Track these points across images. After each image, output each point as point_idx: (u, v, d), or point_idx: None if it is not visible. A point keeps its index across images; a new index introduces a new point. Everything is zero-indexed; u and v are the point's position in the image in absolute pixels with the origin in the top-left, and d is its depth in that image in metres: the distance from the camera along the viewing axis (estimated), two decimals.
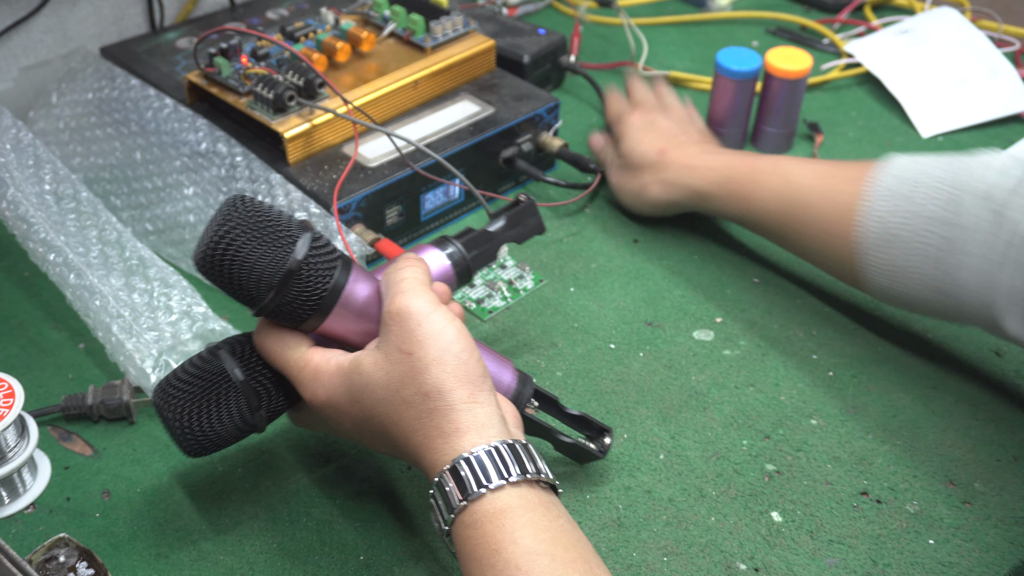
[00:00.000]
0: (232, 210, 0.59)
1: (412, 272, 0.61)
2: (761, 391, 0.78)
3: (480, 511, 0.55)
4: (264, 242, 0.58)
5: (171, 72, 0.98)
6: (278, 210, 0.60)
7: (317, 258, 0.59)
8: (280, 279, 0.58)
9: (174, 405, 0.62)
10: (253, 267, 0.58)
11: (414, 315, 0.58)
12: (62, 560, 0.61)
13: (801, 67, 0.99)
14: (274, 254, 0.58)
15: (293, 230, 0.59)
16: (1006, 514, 0.69)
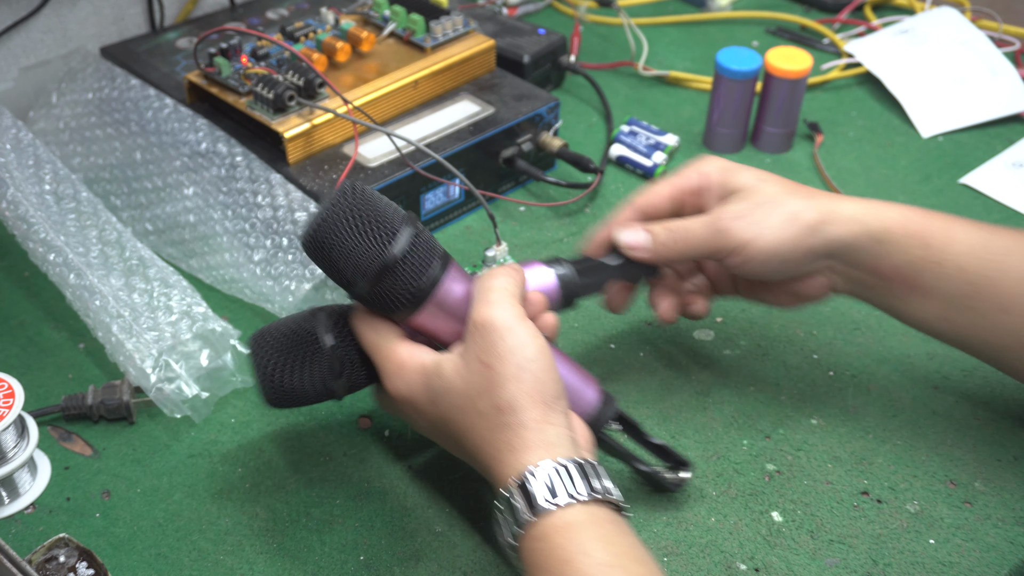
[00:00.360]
0: (342, 196, 0.61)
1: (503, 282, 0.61)
2: (761, 391, 0.78)
3: (549, 525, 0.55)
4: (365, 232, 0.60)
5: (171, 72, 0.98)
6: (387, 202, 0.62)
7: (414, 255, 0.61)
8: (375, 272, 0.60)
9: (264, 353, 0.64)
10: (350, 254, 0.60)
11: (497, 328, 0.59)
12: (62, 560, 0.61)
13: (801, 67, 0.99)
14: (373, 246, 0.60)
15: (396, 224, 0.61)
16: (1006, 514, 0.69)
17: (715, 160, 0.73)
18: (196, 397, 0.73)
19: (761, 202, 0.69)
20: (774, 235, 0.68)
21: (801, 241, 0.68)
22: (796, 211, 0.68)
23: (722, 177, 0.71)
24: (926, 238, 0.68)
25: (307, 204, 0.81)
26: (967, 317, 0.68)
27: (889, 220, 0.68)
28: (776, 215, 0.68)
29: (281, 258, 0.79)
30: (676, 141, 1.03)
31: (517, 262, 0.72)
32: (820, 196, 0.70)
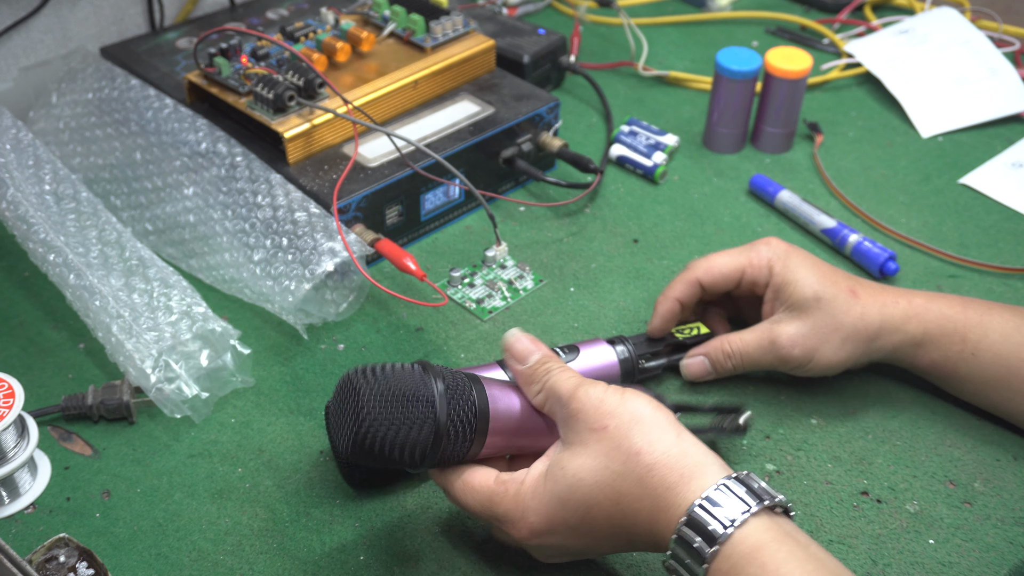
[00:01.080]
0: (359, 398, 0.58)
1: (554, 363, 0.62)
2: (761, 391, 0.78)
3: (734, 553, 0.53)
4: (404, 420, 0.58)
5: (171, 72, 0.98)
6: (399, 369, 0.60)
7: (456, 404, 0.60)
8: (431, 445, 0.59)
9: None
10: (403, 447, 0.59)
11: (592, 397, 0.59)
12: (62, 560, 0.61)
13: (801, 67, 0.99)
14: (418, 427, 0.59)
15: (422, 389, 0.59)
16: (1006, 514, 0.69)
17: (776, 246, 0.76)
18: (196, 397, 0.73)
19: (817, 328, 0.73)
20: (830, 359, 0.74)
21: (855, 359, 0.74)
22: (849, 335, 0.73)
23: (782, 276, 0.75)
24: (963, 333, 0.73)
25: (307, 204, 0.81)
26: (1002, 395, 0.73)
27: (929, 323, 0.73)
28: (832, 341, 0.73)
29: (281, 258, 0.79)
30: (676, 141, 1.03)
31: (582, 341, 0.75)
32: (869, 304, 0.73)
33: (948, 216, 0.97)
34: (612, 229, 0.94)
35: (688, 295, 0.77)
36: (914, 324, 0.73)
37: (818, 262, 0.76)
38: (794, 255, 0.75)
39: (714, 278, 0.77)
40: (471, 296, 0.86)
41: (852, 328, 0.73)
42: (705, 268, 0.77)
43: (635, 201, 0.97)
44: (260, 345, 0.80)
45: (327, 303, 0.82)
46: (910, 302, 0.74)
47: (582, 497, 0.57)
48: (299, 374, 0.78)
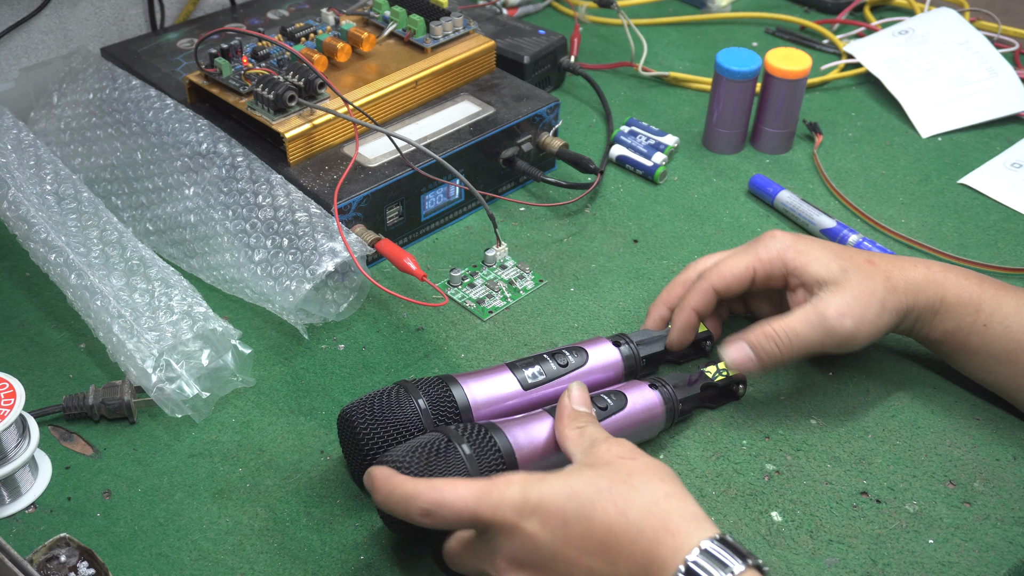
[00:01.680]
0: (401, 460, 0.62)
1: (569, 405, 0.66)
2: (761, 391, 0.78)
3: None
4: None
5: (172, 72, 0.98)
6: (415, 423, 0.66)
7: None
8: None
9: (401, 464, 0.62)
10: None
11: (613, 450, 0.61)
12: (63, 560, 0.61)
13: (801, 67, 0.99)
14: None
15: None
16: (1005, 514, 0.70)
17: (780, 237, 0.76)
18: (197, 397, 0.73)
19: (857, 295, 0.73)
20: (873, 326, 0.73)
21: (895, 323, 0.74)
22: (885, 298, 0.73)
23: (799, 261, 0.75)
24: (977, 304, 0.74)
25: (308, 204, 0.82)
26: (1010, 370, 0.74)
27: (947, 290, 0.74)
28: (873, 308, 0.73)
29: (282, 258, 0.79)
30: (676, 141, 1.03)
31: (585, 341, 0.76)
32: (892, 272, 0.74)
33: (947, 216, 0.97)
34: (612, 229, 0.94)
35: (705, 304, 0.76)
36: (933, 289, 0.74)
37: (825, 242, 0.76)
38: (801, 240, 0.76)
39: (728, 283, 0.76)
40: (471, 296, 0.86)
41: (886, 292, 0.73)
42: (718, 275, 0.76)
43: (635, 201, 0.97)
44: (261, 345, 0.80)
45: (328, 303, 0.82)
46: (928, 268, 0.75)
47: (594, 507, 0.57)
48: (300, 374, 0.79)
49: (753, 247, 0.77)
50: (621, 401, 0.70)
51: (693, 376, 0.74)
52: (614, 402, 0.70)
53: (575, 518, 0.57)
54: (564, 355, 0.73)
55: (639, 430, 0.71)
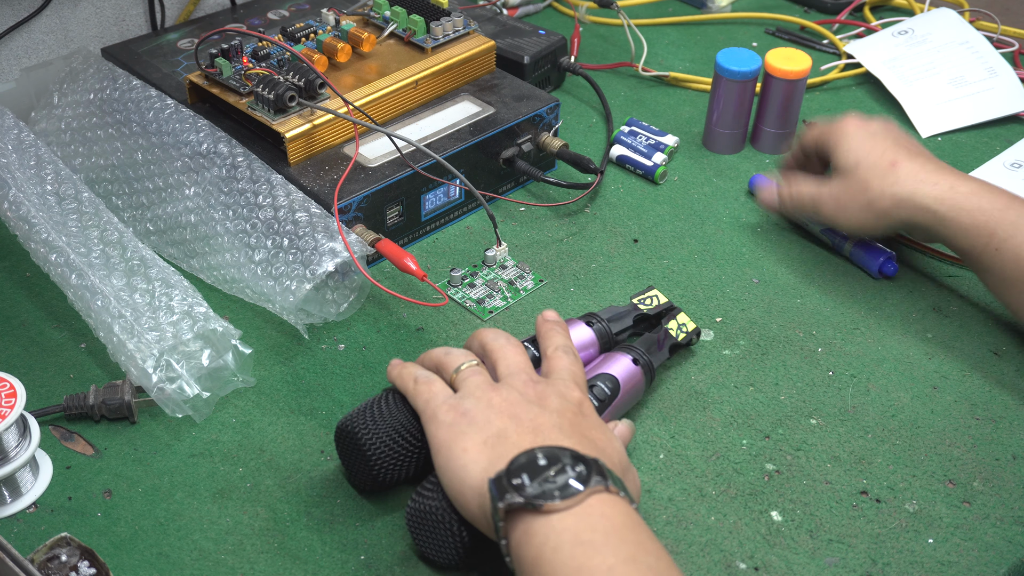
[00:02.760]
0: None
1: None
2: (761, 391, 0.78)
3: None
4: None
5: (172, 73, 0.98)
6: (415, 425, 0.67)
7: None
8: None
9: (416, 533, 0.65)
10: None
11: None
12: (64, 559, 0.61)
13: (800, 68, 0.99)
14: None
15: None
16: (1005, 513, 0.70)
17: (847, 120, 0.88)
18: (197, 397, 0.73)
19: (848, 190, 0.85)
20: (854, 218, 0.85)
21: (876, 223, 0.84)
22: (871, 200, 0.83)
23: (834, 143, 0.87)
24: (993, 228, 0.78)
25: (308, 204, 0.82)
26: (1018, 298, 0.79)
27: (961, 210, 0.79)
28: (856, 204, 0.84)
29: (282, 258, 0.79)
30: (676, 141, 1.03)
31: (567, 321, 0.78)
32: (903, 177, 0.82)
33: None
34: (612, 229, 0.94)
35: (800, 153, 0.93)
36: (946, 207, 0.80)
37: (876, 132, 0.86)
38: (850, 124, 0.86)
39: (805, 145, 0.92)
40: (471, 296, 0.86)
41: (876, 196, 0.82)
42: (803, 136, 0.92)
43: (635, 201, 0.98)
44: (261, 345, 0.80)
45: (328, 303, 0.82)
46: (952, 186, 0.80)
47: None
48: (300, 374, 0.79)
49: (830, 122, 0.89)
50: (615, 386, 0.72)
51: (660, 337, 0.78)
52: (610, 390, 0.72)
53: None
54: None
55: (629, 403, 0.74)
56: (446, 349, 0.69)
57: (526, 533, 0.56)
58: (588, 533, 0.55)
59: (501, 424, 0.62)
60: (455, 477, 0.61)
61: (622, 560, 0.54)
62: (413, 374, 0.67)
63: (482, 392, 0.64)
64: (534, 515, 0.56)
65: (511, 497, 0.56)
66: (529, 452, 0.58)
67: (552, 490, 0.56)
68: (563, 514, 0.55)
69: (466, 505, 0.60)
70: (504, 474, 0.57)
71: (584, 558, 0.54)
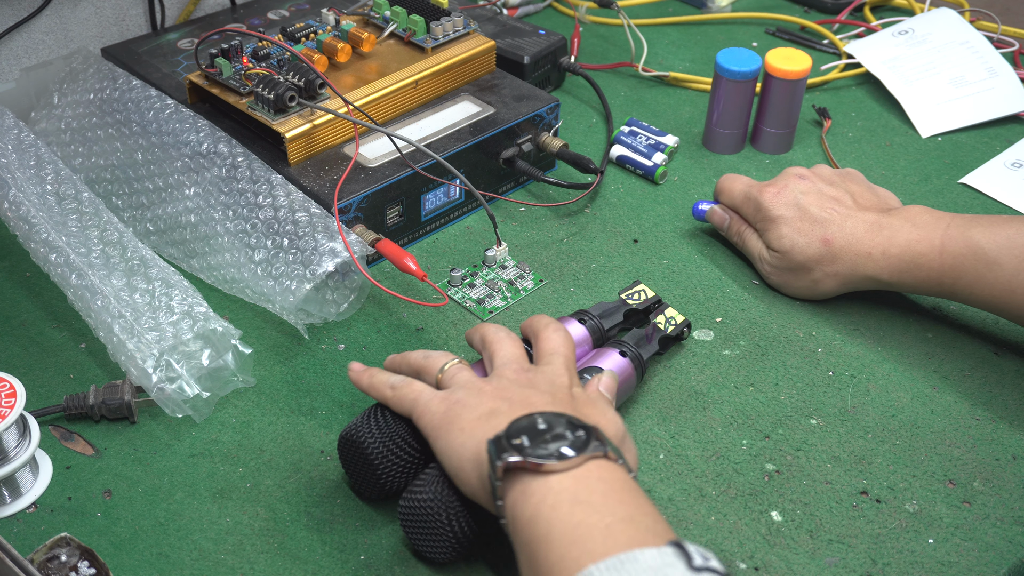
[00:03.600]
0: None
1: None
2: (761, 391, 0.78)
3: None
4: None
5: (172, 73, 0.98)
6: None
7: None
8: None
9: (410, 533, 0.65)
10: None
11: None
12: (64, 559, 0.61)
13: (800, 67, 0.99)
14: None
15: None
16: (1005, 513, 0.70)
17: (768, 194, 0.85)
18: (197, 397, 0.73)
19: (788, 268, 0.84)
20: (801, 293, 0.85)
21: (825, 295, 0.85)
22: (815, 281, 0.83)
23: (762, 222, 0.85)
24: (936, 278, 0.78)
25: (308, 204, 0.82)
26: (1001, 312, 0.79)
27: (902, 273, 0.80)
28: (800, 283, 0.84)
29: (282, 258, 0.79)
30: (676, 142, 1.03)
31: (558, 319, 0.78)
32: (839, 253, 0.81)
33: None
34: (612, 229, 0.94)
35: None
36: (887, 275, 0.80)
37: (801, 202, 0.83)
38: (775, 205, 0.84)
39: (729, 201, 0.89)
40: (471, 296, 0.86)
41: (819, 278, 0.83)
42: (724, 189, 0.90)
43: (635, 201, 0.98)
44: (261, 345, 0.80)
45: (328, 303, 0.82)
46: (885, 252, 0.80)
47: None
48: (300, 374, 0.79)
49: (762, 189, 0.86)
50: None
51: (648, 331, 0.78)
52: None
53: None
54: None
55: (620, 396, 0.74)
56: (424, 352, 0.70)
57: (523, 493, 0.56)
58: (586, 494, 0.55)
59: (493, 404, 0.62)
60: (453, 454, 0.61)
61: (620, 519, 0.54)
62: (387, 382, 0.68)
63: (471, 383, 0.65)
64: (532, 475, 0.56)
65: (509, 455, 0.56)
66: (529, 416, 0.59)
67: (551, 452, 0.56)
68: (561, 475, 0.56)
69: (466, 479, 0.61)
70: (503, 435, 0.58)
71: (583, 515, 0.54)
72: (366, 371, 0.70)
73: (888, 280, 0.80)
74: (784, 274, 0.84)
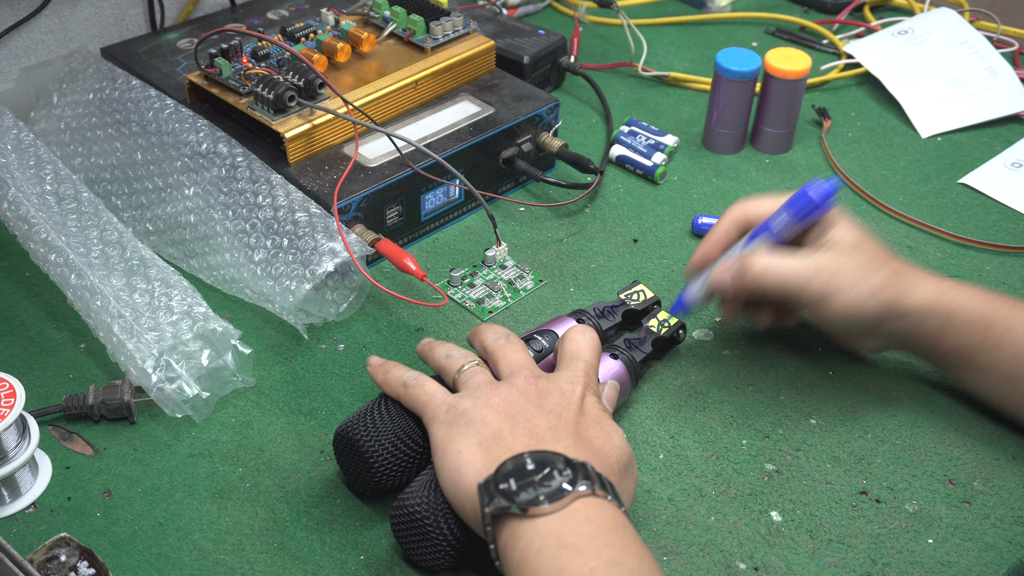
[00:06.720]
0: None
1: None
2: (761, 391, 0.78)
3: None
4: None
5: (172, 73, 0.98)
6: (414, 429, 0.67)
7: None
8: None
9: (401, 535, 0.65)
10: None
11: None
12: (63, 559, 0.61)
13: (800, 67, 0.99)
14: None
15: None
16: (1005, 513, 0.70)
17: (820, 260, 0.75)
18: (197, 397, 0.73)
19: (850, 263, 0.73)
20: (851, 301, 0.72)
21: (869, 313, 0.72)
22: (876, 287, 0.72)
23: (820, 222, 0.75)
24: (988, 322, 0.72)
25: (308, 204, 0.82)
26: (1019, 394, 0.72)
27: (957, 303, 0.72)
28: (859, 285, 0.72)
29: (282, 258, 0.79)
30: (675, 141, 1.03)
31: (552, 319, 0.79)
32: (898, 271, 0.73)
33: (947, 216, 0.97)
34: (612, 229, 0.94)
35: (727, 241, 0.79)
36: (943, 302, 0.72)
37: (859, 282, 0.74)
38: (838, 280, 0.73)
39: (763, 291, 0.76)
40: (471, 296, 0.86)
41: (880, 284, 0.72)
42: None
43: (635, 201, 0.97)
44: (261, 345, 0.80)
45: (327, 303, 0.82)
46: (939, 283, 0.74)
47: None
48: (300, 374, 0.79)
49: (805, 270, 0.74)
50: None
51: (641, 335, 0.78)
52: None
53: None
54: (538, 340, 0.75)
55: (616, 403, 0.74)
56: (447, 350, 0.69)
57: (512, 536, 0.56)
58: (572, 536, 0.55)
59: (497, 425, 0.62)
60: (450, 479, 0.61)
61: (604, 563, 0.54)
62: (400, 379, 0.67)
63: (481, 392, 0.64)
64: (520, 519, 0.56)
65: (498, 502, 0.56)
66: (517, 457, 0.58)
67: (539, 495, 0.56)
68: (548, 518, 0.56)
69: (461, 507, 0.61)
70: (492, 479, 0.57)
71: (567, 559, 0.54)
72: (382, 365, 0.70)
73: (942, 306, 0.73)
74: (843, 270, 0.73)
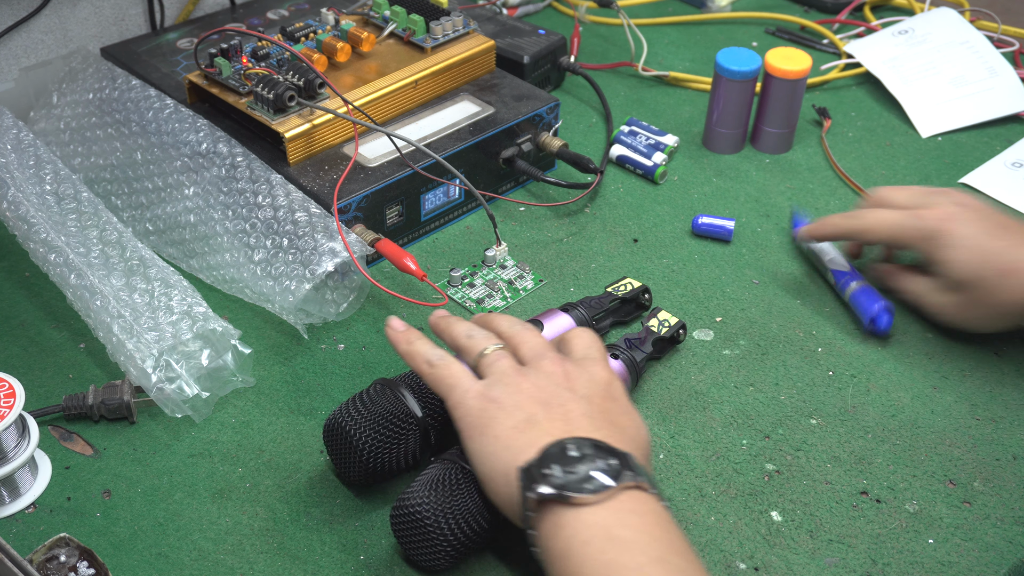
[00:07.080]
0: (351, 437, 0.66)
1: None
2: (761, 391, 0.78)
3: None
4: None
5: (171, 72, 0.98)
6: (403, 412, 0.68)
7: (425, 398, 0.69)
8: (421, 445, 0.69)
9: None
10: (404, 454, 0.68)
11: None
12: (63, 560, 0.61)
13: (800, 67, 0.99)
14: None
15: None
16: (1005, 513, 0.70)
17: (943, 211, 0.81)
18: (197, 397, 0.73)
19: (972, 300, 0.79)
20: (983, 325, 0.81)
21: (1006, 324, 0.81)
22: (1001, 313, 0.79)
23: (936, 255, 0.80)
24: None
25: (307, 204, 0.82)
26: None
27: None
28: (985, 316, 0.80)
29: (281, 258, 0.79)
30: (676, 141, 1.03)
31: (545, 311, 0.79)
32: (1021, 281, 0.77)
33: None
34: (612, 229, 0.94)
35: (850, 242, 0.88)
36: None
37: (978, 234, 0.79)
38: (957, 225, 0.79)
39: (877, 238, 0.84)
40: (471, 296, 0.86)
41: (1003, 307, 0.78)
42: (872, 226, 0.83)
43: (635, 201, 0.97)
44: (261, 345, 0.80)
45: (327, 303, 0.82)
46: None
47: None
48: (299, 374, 0.79)
49: (919, 215, 0.81)
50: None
51: (641, 334, 0.78)
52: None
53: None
54: None
55: None
56: (467, 329, 0.68)
57: (556, 525, 0.55)
58: (619, 529, 0.55)
59: (531, 410, 0.61)
60: (486, 462, 0.60)
61: (652, 559, 0.54)
62: (426, 356, 0.66)
63: (510, 378, 0.63)
64: (564, 507, 0.56)
65: (541, 487, 0.55)
66: (560, 442, 0.58)
67: (582, 483, 0.56)
68: (594, 508, 0.55)
69: (494, 489, 0.60)
70: (534, 463, 0.57)
71: (615, 553, 0.54)
72: (406, 333, 0.67)
73: None
74: (967, 307, 0.80)
